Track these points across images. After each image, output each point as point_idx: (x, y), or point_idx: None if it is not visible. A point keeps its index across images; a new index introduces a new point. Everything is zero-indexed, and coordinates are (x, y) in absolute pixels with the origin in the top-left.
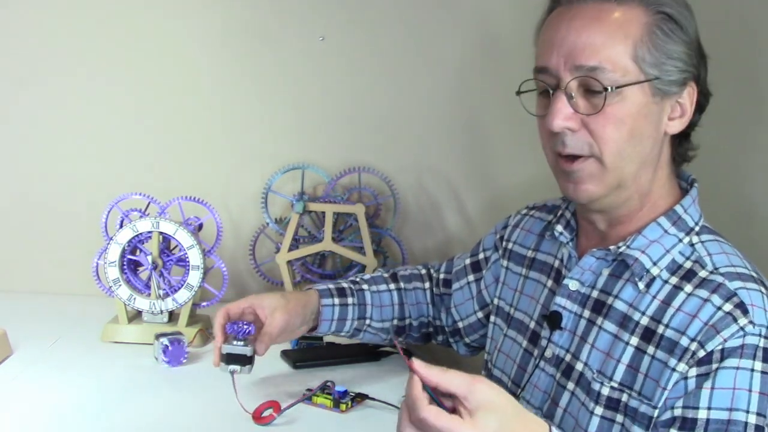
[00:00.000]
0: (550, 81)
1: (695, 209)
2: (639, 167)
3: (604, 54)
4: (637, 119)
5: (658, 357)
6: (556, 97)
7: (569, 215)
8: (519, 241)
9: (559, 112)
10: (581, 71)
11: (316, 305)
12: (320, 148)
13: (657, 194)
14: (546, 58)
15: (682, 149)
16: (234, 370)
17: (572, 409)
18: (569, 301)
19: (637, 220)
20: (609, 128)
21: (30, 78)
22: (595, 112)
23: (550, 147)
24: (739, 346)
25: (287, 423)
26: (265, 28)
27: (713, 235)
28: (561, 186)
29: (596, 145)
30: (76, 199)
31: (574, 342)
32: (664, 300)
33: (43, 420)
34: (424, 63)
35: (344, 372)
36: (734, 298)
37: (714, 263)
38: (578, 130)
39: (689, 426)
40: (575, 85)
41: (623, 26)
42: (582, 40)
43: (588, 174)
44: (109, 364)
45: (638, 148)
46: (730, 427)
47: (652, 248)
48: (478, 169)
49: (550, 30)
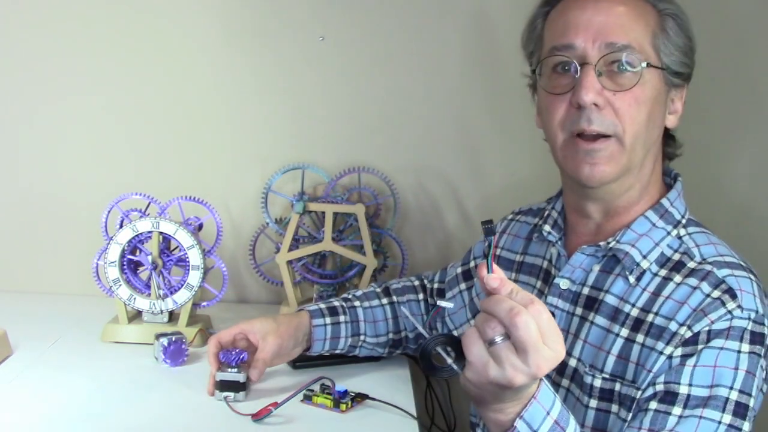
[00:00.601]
0: (574, 58)
1: (681, 202)
2: (646, 154)
3: (632, 35)
4: (654, 104)
5: (647, 344)
6: (585, 71)
7: (556, 215)
8: (507, 246)
9: (591, 85)
10: (612, 48)
11: (308, 326)
12: (320, 148)
13: (653, 188)
14: (571, 36)
15: (670, 147)
16: (228, 397)
17: (568, 405)
18: (561, 300)
19: (633, 213)
20: (633, 108)
21: (29, 78)
22: (624, 89)
23: (567, 126)
24: (727, 328)
25: (287, 423)
26: (265, 28)
27: (699, 227)
28: (571, 167)
29: (620, 125)
30: (76, 199)
31: (567, 339)
32: (653, 291)
33: (43, 420)
34: (425, 63)
35: (344, 372)
36: (723, 285)
37: (702, 254)
38: (604, 108)
39: (669, 400)
40: (603, 62)
41: (643, 14)
42: (613, 20)
43: (608, 155)
44: (109, 364)
45: (651, 133)
46: (709, 402)
47: (642, 242)
48: (478, 169)
49: (573, 10)
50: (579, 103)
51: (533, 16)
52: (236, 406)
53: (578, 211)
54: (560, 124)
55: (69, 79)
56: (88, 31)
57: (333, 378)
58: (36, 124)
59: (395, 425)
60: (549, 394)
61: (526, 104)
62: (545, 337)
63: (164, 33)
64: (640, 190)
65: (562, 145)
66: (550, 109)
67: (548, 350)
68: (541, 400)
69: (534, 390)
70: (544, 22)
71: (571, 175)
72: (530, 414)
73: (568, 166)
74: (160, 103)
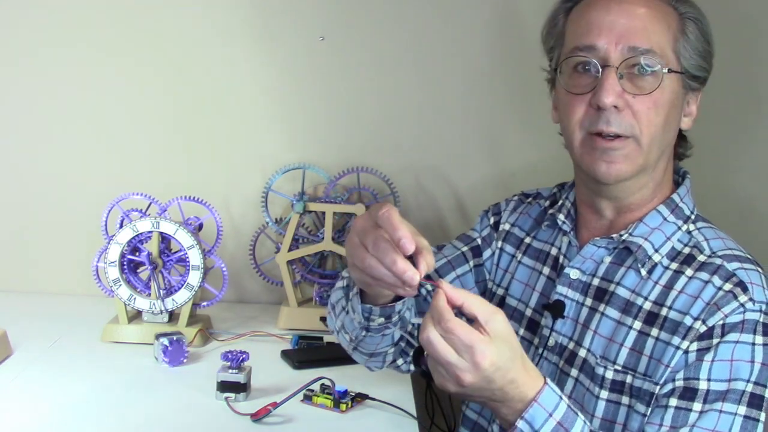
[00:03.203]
0: (596, 59)
1: (689, 199)
2: (660, 155)
3: (654, 39)
4: (671, 108)
5: (662, 338)
6: (606, 73)
7: (569, 204)
8: (518, 224)
9: (612, 88)
10: (635, 52)
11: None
12: (320, 148)
13: (665, 186)
14: (594, 37)
15: (681, 148)
16: (228, 397)
17: (577, 395)
18: (570, 290)
19: (645, 209)
20: (652, 111)
21: (30, 78)
22: (643, 93)
23: (585, 125)
24: (740, 321)
25: (287, 423)
26: (265, 28)
27: (707, 223)
28: (587, 163)
29: (638, 126)
30: (76, 199)
31: (576, 330)
32: (666, 285)
33: (43, 420)
34: (425, 63)
35: (344, 372)
36: (733, 278)
37: (711, 247)
38: (623, 110)
39: (689, 396)
40: (626, 66)
41: (666, 18)
42: (636, 23)
43: (625, 154)
44: (109, 364)
45: (666, 136)
46: (728, 396)
47: (654, 235)
48: (478, 169)
49: (596, 10)
50: (599, 104)
51: (555, 12)
52: (236, 405)
53: (590, 206)
54: (579, 122)
55: (69, 78)
56: (89, 31)
57: (333, 378)
58: (36, 124)
59: (395, 425)
60: (553, 397)
61: (527, 104)
62: (459, 351)
63: (164, 33)
64: (653, 189)
65: (580, 144)
66: (570, 107)
67: (462, 361)
68: (543, 402)
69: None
70: (566, 19)
71: (587, 171)
72: (531, 415)
73: (584, 162)
74: (161, 103)
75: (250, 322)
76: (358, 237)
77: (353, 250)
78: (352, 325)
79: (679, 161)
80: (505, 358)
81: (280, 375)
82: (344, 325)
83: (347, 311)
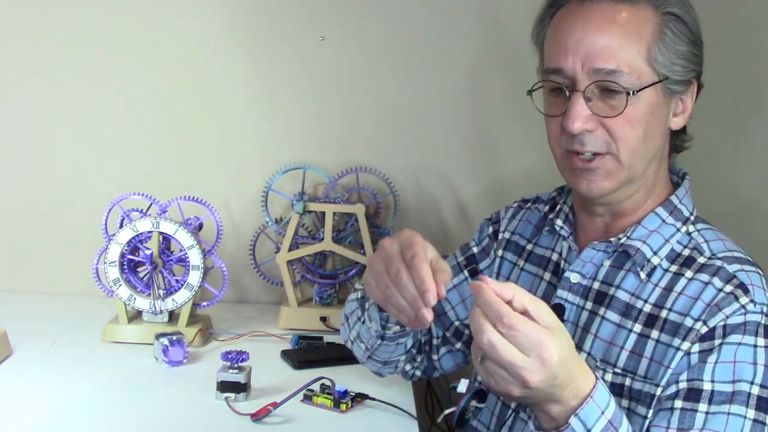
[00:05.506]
0: (564, 82)
1: (689, 200)
2: (648, 163)
3: (621, 57)
4: (650, 119)
5: (662, 340)
6: (574, 99)
7: (567, 209)
8: (518, 231)
9: (579, 115)
10: (599, 75)
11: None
12: (320, 148)
13: (660, 186)
14: (561, 60)
15: (679, 140)
16: (228, 397)
17: None
18: (571, 294)
19: (641, 211)
20: (626, 128)
21: (30, 78)
22: (615, 114)
23: (563, 145)
24: (742, 323)
25: (287, 423)
26: (265, 28)
27: (707, 224)
28: (570, 181)
29: (614, 144)
30: (76, 199)
31: (576, 333)
32: (665, 287)
33: (43, 420)
34: (424, 63)
35: (344, 372)
36: (734, 280)
37: (711, 249)
38: (596, 129)
39: (694, 397)
40: (593, 88)
41: (637, 28)
42: (599, 43)
43: (605, 171)
44: (109, 364)
45: (650, 146)
46: (734, 398)
47: (652, 238)
48: (478, 169)
49: (563, 31)
50: (568, 131)
51: (539, 18)
52: (236, 405)
53: (586, 210)
54: (557, 141)
55: (69, 78)
56: (89, 31)
57: (333, 378)
58: (36, 124)
59: (395, 425)
60: (605, 394)
61: (526, 104)
62: (524, 350)
63: (164, 33)
64: (645, 192)
65: (560, 160)
66: (548, 125)
67: (529, 360)
68: (597, 400)
69: (589, 389)
70: (547, 29)
71: (570, 186)
72: (585, 412)
73: (567, 178)
74: (160, 103)
75: (250, 322)
76: (384, 263)
77: (378, 276)
78: (368, 333)
79: (677, 153)
80: (566, 349)
81: (280, 375)
82: (360, 334)
83: (363, 321)
